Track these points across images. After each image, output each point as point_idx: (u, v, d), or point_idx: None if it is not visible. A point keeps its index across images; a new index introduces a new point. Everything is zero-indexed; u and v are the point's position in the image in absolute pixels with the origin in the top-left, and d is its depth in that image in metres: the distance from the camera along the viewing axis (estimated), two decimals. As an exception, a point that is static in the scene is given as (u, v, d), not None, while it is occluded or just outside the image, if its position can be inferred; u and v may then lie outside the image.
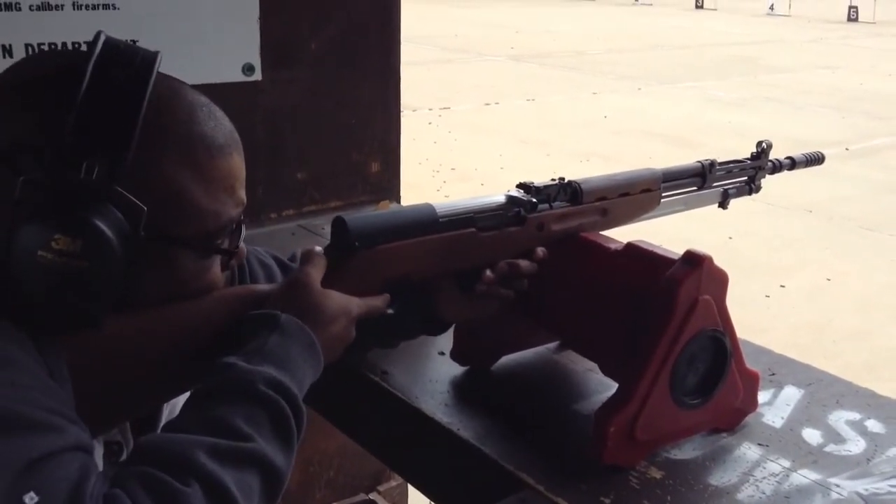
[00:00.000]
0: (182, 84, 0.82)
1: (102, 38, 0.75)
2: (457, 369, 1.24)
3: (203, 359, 0.84)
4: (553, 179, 1.14)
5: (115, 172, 0.72)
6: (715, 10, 24.71)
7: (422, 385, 1.20)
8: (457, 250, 1.04)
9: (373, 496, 2.18)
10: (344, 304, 0.92)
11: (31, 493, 0.60)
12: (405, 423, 1.17)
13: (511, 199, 1.10)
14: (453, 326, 1.22)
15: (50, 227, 0.69)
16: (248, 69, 1.72)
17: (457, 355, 1.24)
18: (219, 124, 0.82)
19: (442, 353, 1.28)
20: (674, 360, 1.00)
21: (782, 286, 4.94)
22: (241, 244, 0.88)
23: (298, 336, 0.84)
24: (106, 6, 1.51)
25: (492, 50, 14.72)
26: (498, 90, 11.04)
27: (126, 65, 0.74)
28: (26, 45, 1.43)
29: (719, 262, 1.02)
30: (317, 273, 0.91)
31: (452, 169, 7.20)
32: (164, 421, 0.98)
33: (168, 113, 0.78)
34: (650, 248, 1.07)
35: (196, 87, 0.84)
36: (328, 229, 0.99)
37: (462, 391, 1.20)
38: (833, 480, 0.99)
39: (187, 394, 0.95)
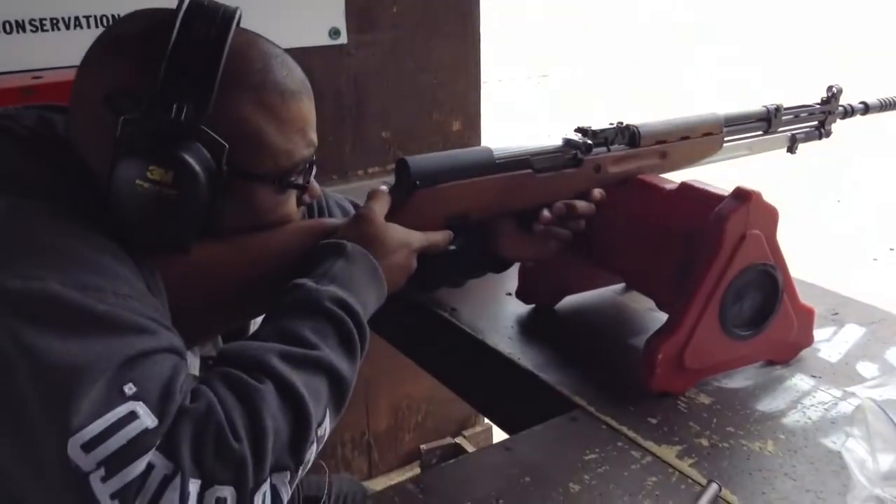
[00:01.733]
0: (258, 36, 0.92)
1: None
2: (522, 308, 1.32)
3: (279, 282, 0.94)
4: (611, 123, 1.19)
5: (201, 113, 0.82)
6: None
7: (487, 320, 1.28)
8: (514, 190, 1.11)
9: (459, 440, 2.29)
10: (405, 236, 1.00)
11: (130, 384, 0.70)
12: (471, 354, 1.25)
13: (568, 142, 1.15)
14: (518, 267, 1.29)
15: (146, 159, 0.80)
16: (335, 33, 1.82)
17: (521, 294, 1.31)
18: (291, 72, 0.92)
19: (509, 294, 1.36)
20: (722, 292, 1.04)
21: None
22: (313, 181, 0.97)
23: (362, 262, 0.93)
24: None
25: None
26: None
27: (209, 19, 0.84)
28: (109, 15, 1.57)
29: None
30: (381, 208, 1.00)
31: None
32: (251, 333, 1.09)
33: (245, 61, 0.87)
34: (703, 186, 1.11)
35: (287, 52, 0.93)
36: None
37: (525, 327, 1.27)
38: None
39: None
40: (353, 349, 0.85)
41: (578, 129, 1.18)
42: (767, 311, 1.09)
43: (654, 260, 1.15)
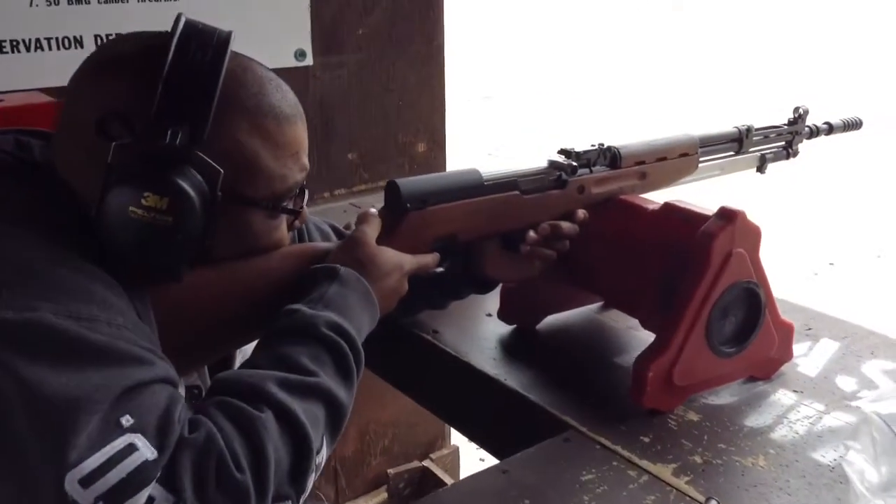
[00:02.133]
0: (251, 60, 0.91)
1: (183, 19, 0.84)
2: (503, 328, 1.32)
3: (270, 308, 0.92)
4: (593, 145, 1.20)
5: (196, 138, 0.80)
6: None
7: (470, 342, 1.28)
8: (501, 212, 1.11)
9: (426, 463, 2.27)
10: (397, 259, 1.00)
11: (127, 416, 0.68)
12: (455, 376, 1.25)
13: (552, 164, 1.16)
14: (500, 288, 1.29)
15: (140, 185, 0.78)
16: (300, 55, 1.81)
17: (503, 315, 1.31)
18: (285, 96, 0.91)
19: (489, 315, 1.35)
20: (709, 310, 1.06)
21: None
22: (304, 206, 0.96)
23: (356, 286, 0.92)
24: (167, -2, 1.61)
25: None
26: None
27: (204, 43, 0.82)
28: (95, 36, 1.53)
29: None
30: (372, 231, 0.99)
31: (489, 154, 7.24)
32: (237, 365, 1.07)
33: (241, 86, 0.86)
34: (686, 206, 1.12)
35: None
36: (379, 206, 1.06)
37: (509, 348, 1.27)
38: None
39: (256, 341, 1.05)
40: (349, 375, 0.84)
41: (562, 151, 1.19)
42: (750, 328, 1.11)
43: (639, 279, 1.16)
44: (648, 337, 1.25)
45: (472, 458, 2.87)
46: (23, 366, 0.67)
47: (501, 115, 8.48)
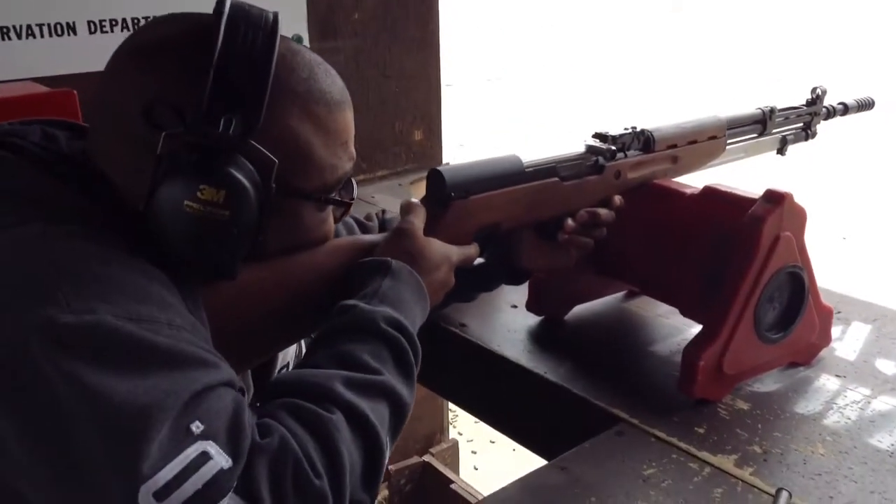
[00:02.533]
0: (299, 44, 0.85)
1: (229, 0, 0.78)
2: (531, 320, 1.28)
3: (321, 304, 0.87)
4: (626, 128, 1.17)
5: (251, 127, 0.75)
6: None
7: (501, 335, 1.24)
8: (542, 199, 1.07)
9: (426, 458, 2.23)
10: (445, 251, 0.95)
11: (197, 422, 0.63)
12: (489, 372, 1.21)
13: (590, 149, 1.13)
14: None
15: (196, 178, 0.72)
16: (297, 40, 1.74)
17: (532, 306, 1.27)
18: (334, 81, 0.85)
19: (514, 307, 1.32)
20: (758, 297, 1.04)
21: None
22: (355, 197, 0.91)
23: (408, 280, 0.87)
24: (159, -16, 1.54)
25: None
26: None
27: (254, 25, 0.77)
28: (88, 22, 1.45)
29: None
30: (419, 222, 0.95)
31: (461, 145, 7.21)
32: (278, 367, 1.02)
33: (292, 71, 0.81)
34: (729, 189, 1.10)
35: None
36: (378, 198, 1.02)
37: (540, 339, 1.23)
38: (915, 405, 1.04)
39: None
40: (410, 371, 0.81)
41: (597, 135, 1.15)
42: (795, 313, 1.09)
43: (679, 266, 1.13)
44: (681, 324, 1.24)
45: (465, 451, 2.84)
46: (88, 373, 0.61)
47: (479, 105, 8.47)
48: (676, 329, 1.24)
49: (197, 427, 0.63)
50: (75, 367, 0.62)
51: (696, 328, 1.19)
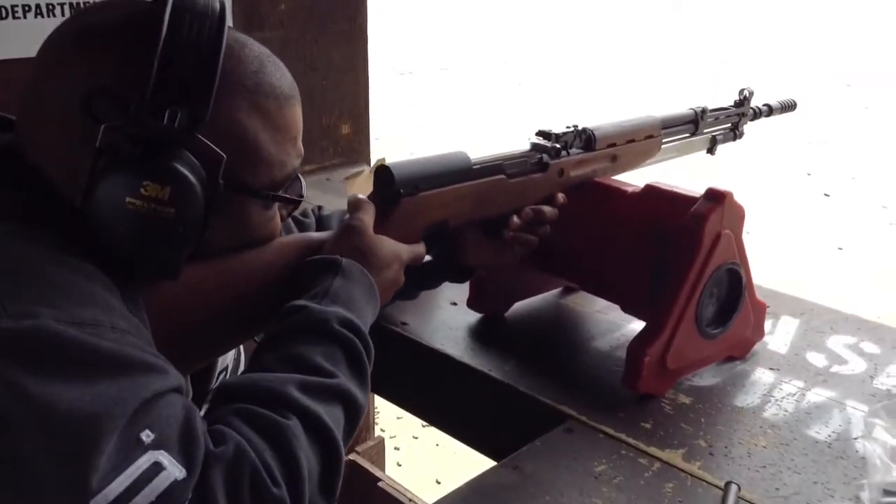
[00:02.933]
0: (246, 36, 0.82)
1: None
2: (472, 317, 1.27)
3: (268, 305, 0.84)
4: (568, 126, 1.17)
5: (197, 120, 0.71)
6: None
7: (444, 333, 1.23)
8: (489, 196, 1.06)
9: (353, 457, 2.20)
10: (395, 249, 0.93)
11: (147, 431, 0.60)
12: (432, 371, 1.19)
13: (535, 146, 1.12)
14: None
15: (139, 173, 0.68)
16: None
17: (473, 303, 1.27)
18: (284, 74, 0.82)
19: (454, 304, 1.31)
20: (699, 293, 1.05)
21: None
22: (303, 195, 0.88)
23: (360, 279, 0.85)
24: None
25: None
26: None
27: (200, 13, 0.73)
28: (13, 6, 1.35)
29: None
30: (369, 219, 0.92)
31: (376, 138, 7.16)
32: (218, 368, 0.98)
33: (240, 62, 0.77)
34: (670, 188, 1.12)
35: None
36: (307, 193, 0.98)
37: (482, 337, 1.23)
38: (846, 401, 1.08)
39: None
40: (364, 373, 0.79)
41: (540, 133, 1.15)
42: (732, 308, 1.12)
43: (621, 263, 1.14)
44: (619, 320, 1.26)
45: (388, 448, 2.82)
46: (31, 382, 0.58)
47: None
48: (615, 324, 1.25)
49: (147, 436, 0.60)
50: (16, 375, 0.58)
51: (635, 323, 1.22)
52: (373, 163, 1.94)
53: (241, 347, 1.02)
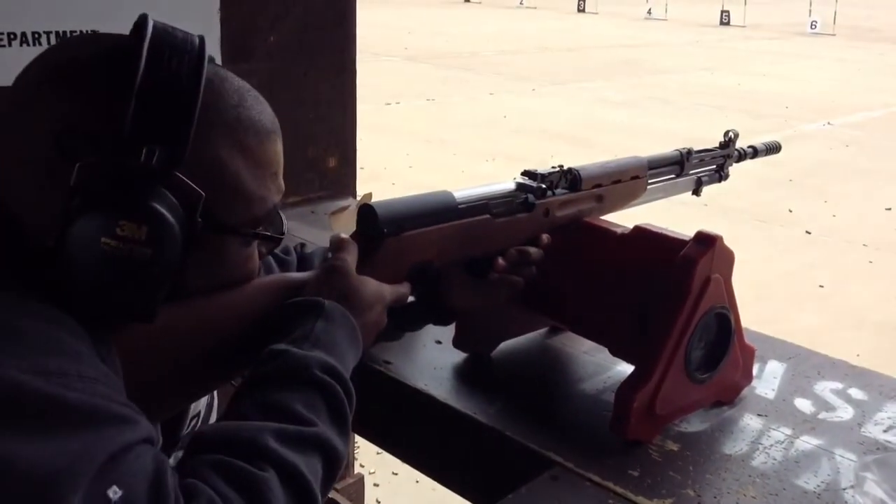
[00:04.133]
0: (226, 69, 0.80)
1: (151, 21, 0.72)
2: (457, 356, 1.25)
3: (246, 348, 0.82)
4: (553, 167, 1.16)
5: (176, 157, 0.70)
6: (596, 13, 25.52)
7: (428, 373, 1.20)
8: (474, 236, 1.05)
9: (332, 495, 2.15)
10: (379, 290, 0.92)
11: (114, 488, 0.58)
12: (416, 412, 1.17)
13: (520, 186, 1.11)
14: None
15: (115, 213, 0.67)
16: (209, 62, 1.67)
17: (459, 342, 1.24)
18: (264, 109, 0.81)
19: (439, 342, 1.29)
20: (688, 337, 1.04)
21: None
22: (285, 232, 0.86)
23: (342, 322, 0.83)
24: (64, -3, 1.44)
25: (387, 50, 14.70)
26: (396, 91, 11.04)
27: (178, 49, 0.72)
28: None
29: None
30: (352, 259, 0.91)
31: (361, 168, 7.16)
32: (190, 415, 0.95)
33: (220, 97, 0.76)
34: (659, 230, 1.11)
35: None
36: (290, 224, 0.96)
37: (467, 378, 1.21)
38: (835, 449, 1.06)
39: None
40: (344, 421, 0.77)
41: (525, 173, 1.14)
42: (721, 353, 1.10)
43: (609, 305, 1.13)
44: (606, 362, 1.24)
45: (367, 485, 2.77)
46: None
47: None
48: (602, 367, 1.24)
49: (115, 493, 0.57)
50: None
51: (622, 365, 1.20)
52: (359, 196, 1.93)
53: (215, 393, 0.99)
